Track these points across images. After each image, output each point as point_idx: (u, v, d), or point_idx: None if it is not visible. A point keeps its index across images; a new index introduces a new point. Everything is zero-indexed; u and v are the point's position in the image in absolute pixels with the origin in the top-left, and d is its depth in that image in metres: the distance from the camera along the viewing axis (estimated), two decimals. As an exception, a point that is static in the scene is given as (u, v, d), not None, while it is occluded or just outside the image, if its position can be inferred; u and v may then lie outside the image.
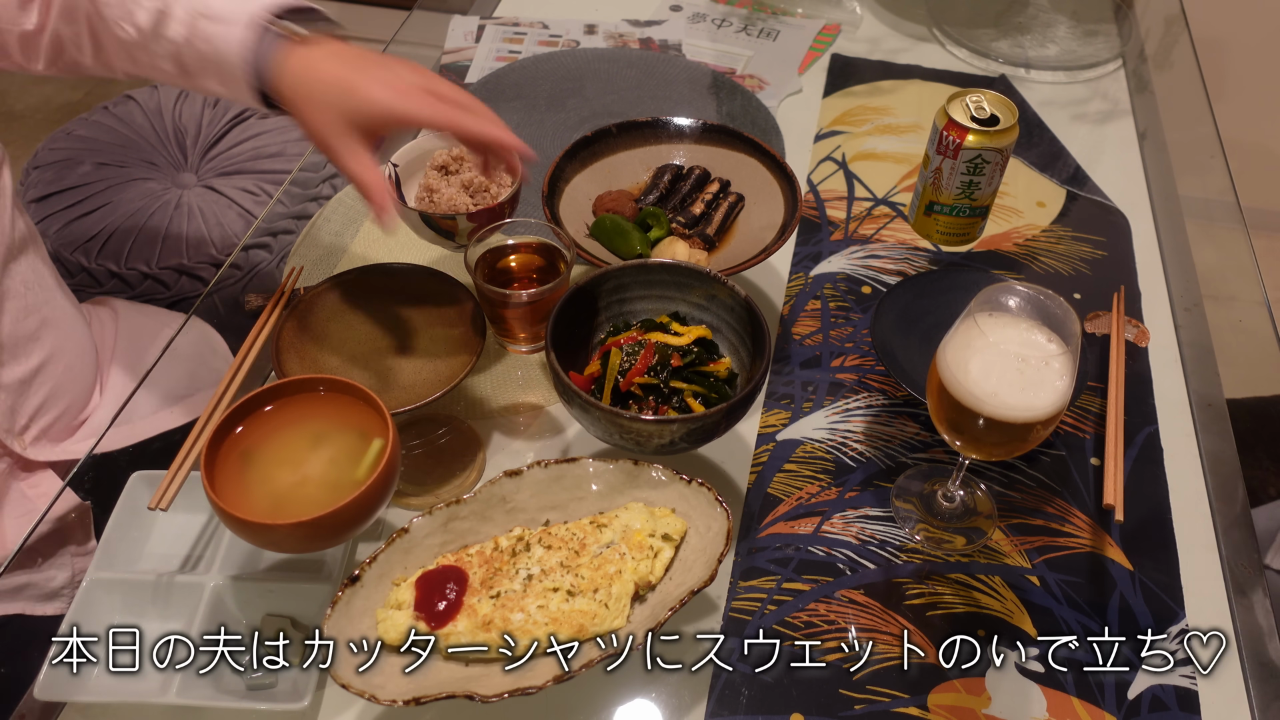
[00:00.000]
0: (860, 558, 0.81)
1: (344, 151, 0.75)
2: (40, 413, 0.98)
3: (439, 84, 0.77)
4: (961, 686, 0.74)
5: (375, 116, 0.74)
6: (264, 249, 1.47)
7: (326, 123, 0.74)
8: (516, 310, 0.82)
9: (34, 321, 0.96)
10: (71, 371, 1.01)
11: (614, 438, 0.76)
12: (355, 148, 0.75)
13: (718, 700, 0.73)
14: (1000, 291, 0.73)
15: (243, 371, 0.83)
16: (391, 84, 0.74)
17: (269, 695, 0.70)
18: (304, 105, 0.75)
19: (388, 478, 0.67)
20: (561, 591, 0.68)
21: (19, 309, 0.95)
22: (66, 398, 1.01)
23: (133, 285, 1.45)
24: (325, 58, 0.75)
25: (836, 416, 0.91)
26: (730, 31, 1.38)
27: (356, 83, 0.74)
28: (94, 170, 1.55)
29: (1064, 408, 0.70)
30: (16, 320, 0.94)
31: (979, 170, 0.94)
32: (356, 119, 0.74)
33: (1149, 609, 0.78)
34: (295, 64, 0.75)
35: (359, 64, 0.75)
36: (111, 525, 0.78)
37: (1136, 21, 1.44)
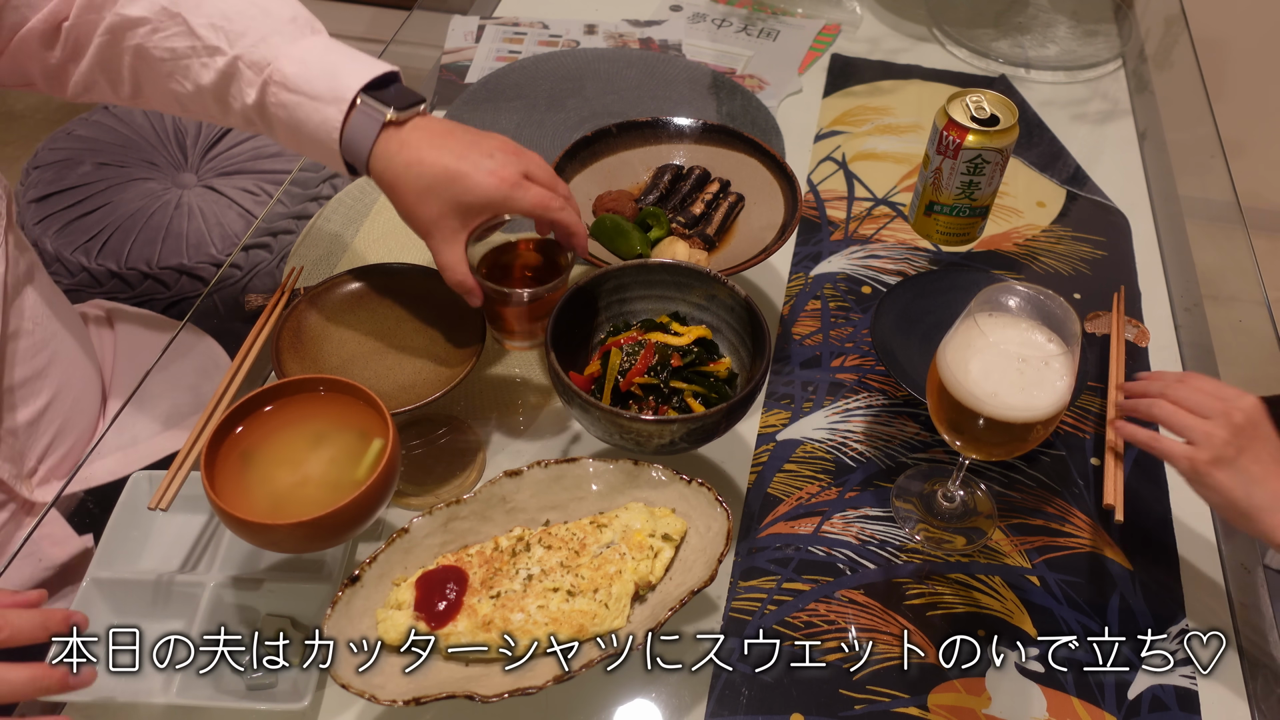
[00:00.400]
0: (860, 558, 0.81)
1: (444, 244, 0.76)
2: (49, 452, 0.95)
3: (532, 165, 0.78)
4: (961, 686, 0.74)
5: (480, 206, 0.75)
6: (264, 249, 1.47)
7: (430, 212, 0.75)
8: (516, 308, 0.82)
9: (43, 358, 0.94)
10: (79, 404, 0.99)
11: (614, 438, 0.76)
12: (455, 240, 0.76)
13: (718, 700, 0.73)
14: (1000, 291, 0.73)
15: (243, 371, 0.83)
16: (497, 174, 0.74)
17: (269, 695, 0.70)
18: (406, 194, 0.76)
19: (388, 478, 0.67)
20: (561, 591, 0.68)
21: (29, 348, 0.92)
22: (74, 432, 0.98)
23: (133, 285, 1.45)
24: (426, 144, 0.75)
25: (836, 416, 0.91)
26: (730, 31, 1.38)
27: (463, 173, 0.74)
28: (94, 170, 1.55)
29: (1064, 408, 0.70)
30: (26, 360, 0.92)
31: (979, 170, 0.94)
32: (460, 208, 0.75)
33: (1149, 609, 0.78)
34: (394, 149, 0.75)
35: (461, 151, 0.75)
36: (111, 525, 0.78)
37: (1136, 21, 1.44)
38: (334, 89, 0.75)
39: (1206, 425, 0.71)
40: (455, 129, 0.78)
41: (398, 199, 0.77)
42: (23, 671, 0.61)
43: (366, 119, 0.75)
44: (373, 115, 0.75)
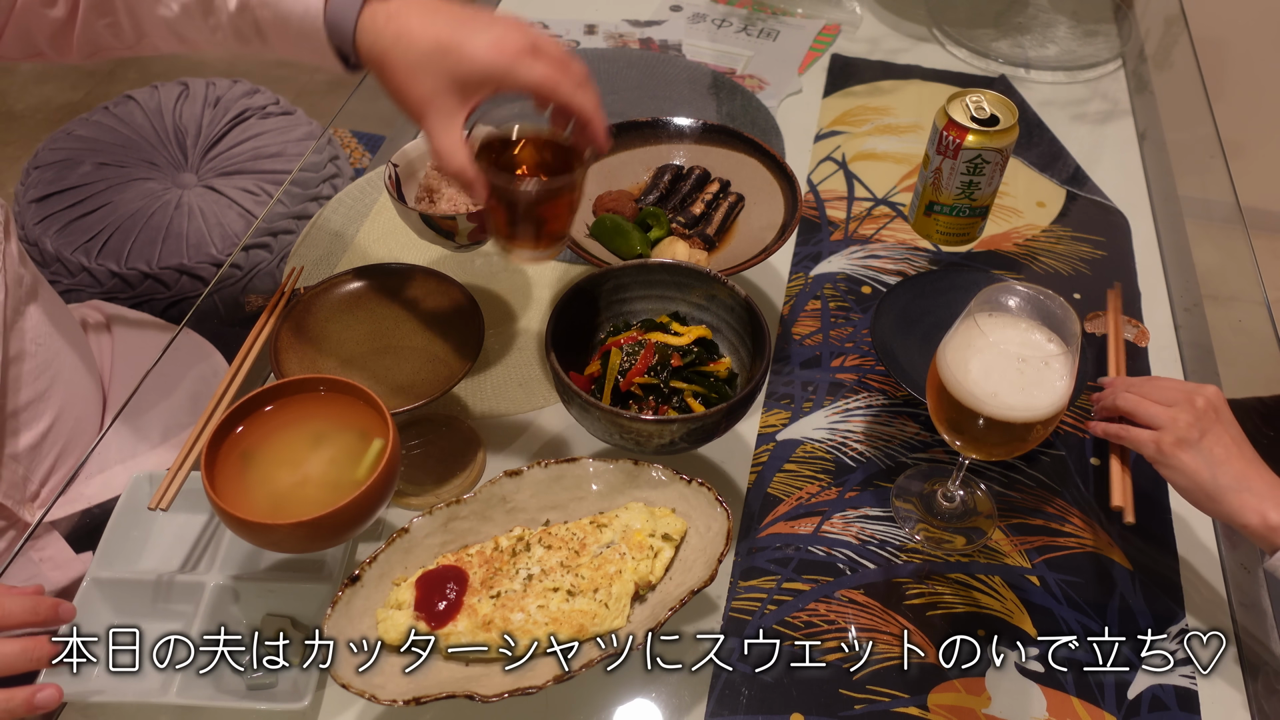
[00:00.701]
0: (860, 558, 0.81)
1: (438, 123, 0.68)
2: (51, 474, 0.94)
3: (543, 41, 0.69)
4: (961, 686, 0.74)
5: (479, 80, 0.67)
6: (264, 249, 1.47)
7: (422, 89, 0.68)
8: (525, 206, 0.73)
9: (45, 380, 0.92)
10: (81, 423, 0.97)
11: (614, 438, 0.76)
12: (451, 120, 0.68)
13: (718, 700, 0.73)
14: (1000, 291, 0.73)
15: (243, 371, 0.83)
16: (497, 44, 0.67)
17: (269, 695, 0.70)
18: (395, 70, 0.68)
19: (388, 478, 0.67)
20: (561, 591, 0.68)
21: (32, 370, 0.91)
22: (77, 450, 0.97)
23: (133, 285, 1.45)
24: (417, 15, 0.68)
25: (836, 416, 0.91)
26: (730, 31, 1.38)
27: (458, 42, 0.67)
28: (94, 170, 1.55)
29: (1064, 408, 0.70)
30: (29, 382, 0.90)
31: (979, 170, 0.94)
32: (456, 83, 0.67)
33: (1149, 609, 0.78)
34: (381, 23, 0.69)
35: (458, 21, 0.68)
36: (111, 525, 0.78)
37: (1136, 21, 1.44)
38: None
39: (1170, 410, 0.74)
40: (458, 6, 0.70)
41: (387, 77, 0.70)
42: (14, 644, 0.64)
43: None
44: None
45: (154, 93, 1.68)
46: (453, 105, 0.68)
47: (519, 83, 0.68)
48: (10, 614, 0.65)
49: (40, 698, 0.64)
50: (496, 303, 1.00)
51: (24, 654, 0.65)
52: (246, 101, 1.67)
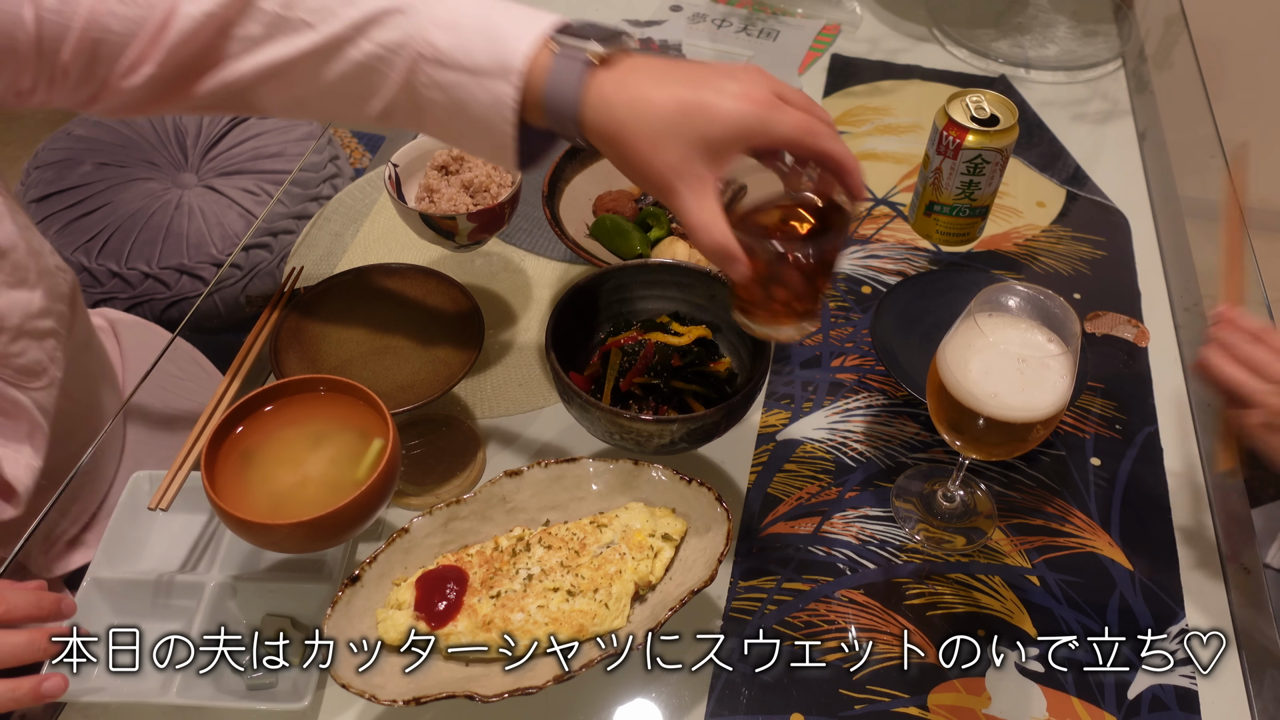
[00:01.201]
0: (860, 558, 0.81)
1: (690, 194, 0.61)
2: (71, 524, 0.93)
3: (783, 87, 0.63)
4: (961, 686, 0.74)
5: (730, 139, 0.61)
6: (264, 249, 1.47)
7: (668, 159, 0.61)
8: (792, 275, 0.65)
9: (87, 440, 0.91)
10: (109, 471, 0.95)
11: (614, 438, 0.76)
12: (703, 189, 0.61)
13: (718, 700, 0.73)
14: (1000, 291, 0.73)
15: (243, 371, 0.83)
16: (745, 96, 0.61)
17: (269, 695, 0.70)
18: (635, 142, 0.61)
19: (388, 478, 0.67)
20: (561, 591, 0.68)
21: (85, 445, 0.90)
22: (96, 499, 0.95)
23: (133, 285, 1.45)
24: (650, 79, 0.62)
25: (836, 416, 0.91)
26: (730, 31, 1.38)
27: (703, 101, 0.60)
28: (94, 170, 1.55)
29: (1064, 408, 0.70)
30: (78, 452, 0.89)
31: (979, 170, 0.94)
32: (706, 147, 0.61)
33: (1149, 609, 0.78)
34: (613, 94, 0.61)
35: (696, 79, 0.62)
36: (111, 525, 0.78)
37: (1136, 21, 1.44)
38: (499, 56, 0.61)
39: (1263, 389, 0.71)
40: (679, 61, 0.64)
41: (625, 151, 0.62)
42: (20, 636, 0.64)
43: (567, 64, 0.61)
44: (574, 56, 0.62)
45: (154, 93, 1.68)
46: (703, 172, 0.61)
47: (773, 136, 0.61)
48: (15, 607, 0.65)
49: (46, 686, 0.64)
50: (496, 303, 1.00)
51: (30, 645, 0.65)
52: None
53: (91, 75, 0.68)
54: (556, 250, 1.05)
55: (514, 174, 0.67)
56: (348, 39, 0.64)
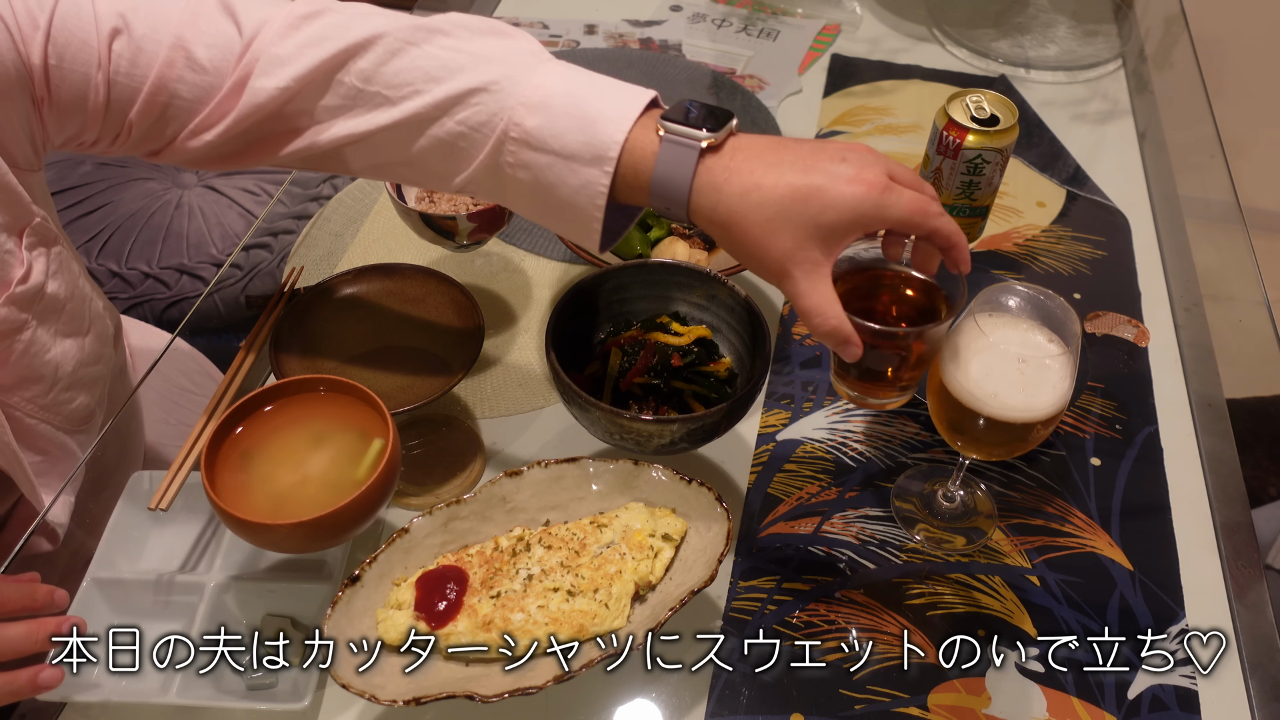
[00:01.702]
0: (860, 558, 0.81)
1: (805, 281, 0.61)
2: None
3: (894, 166, 0.63)
4: (961, 686, 0.74)
5: (846, 225, 0.60)
6: (264, 249, 1.47)
7: (783, 245, 0.60)
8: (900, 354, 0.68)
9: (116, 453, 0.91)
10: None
11: (614, 438, 0.76)
12: (818, 274, 0.61)
13: (718, 700, 0.73)
14: (1001, 292, 0.73)
15: (243, 371, 0.83)
16: (860, 179, 0.60)
17: (269, 695, 0.70)
18: (749, 229, 0.61)
19: (388, 478, 0.67)
20: (561, 591, 0.68)
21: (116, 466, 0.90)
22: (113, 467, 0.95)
23: (133, 285, 1.45)
24: (760, 164, 0.61)
25: (836, 416, 0.91)
26: (730, 31, 1.38)
27: (817, 188, 0.60)
28: (95, 170, 1.55)
29: (1064, 408, 0.70)
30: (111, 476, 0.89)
31: (979, 170, 0.94)
32: (821, 232, 0.60)
33: (1149, 609, 0.78)
34: (721, 180, 0.61)
35: (804, 163, 0.61)
36: (111, 525, 0.78)
37: (1136, 21, 1.44)
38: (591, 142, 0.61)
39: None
40: (785, 141, 0.63)
41: (738, 238, 0.62)
42: (18, 627, 0.65)
43: (679, 151, 0.61)
44: (685, 144, 0.61)
45: (154, 93, 1.68)
46: (818, 258, 0.61)
47: (888, 220, 0.61)
48: (9, 600, 0.66)
49: (44, 677, 0.64)
50: (496, 303, 1.00)
51: (27, 636, 0.65)
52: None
53: (158, 135, 0.68)
54: (556, 250, 1.05)
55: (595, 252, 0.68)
56: (431, 118, 0.64)
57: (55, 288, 0.76)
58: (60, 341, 0.77)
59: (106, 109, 0.66)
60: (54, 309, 0.76)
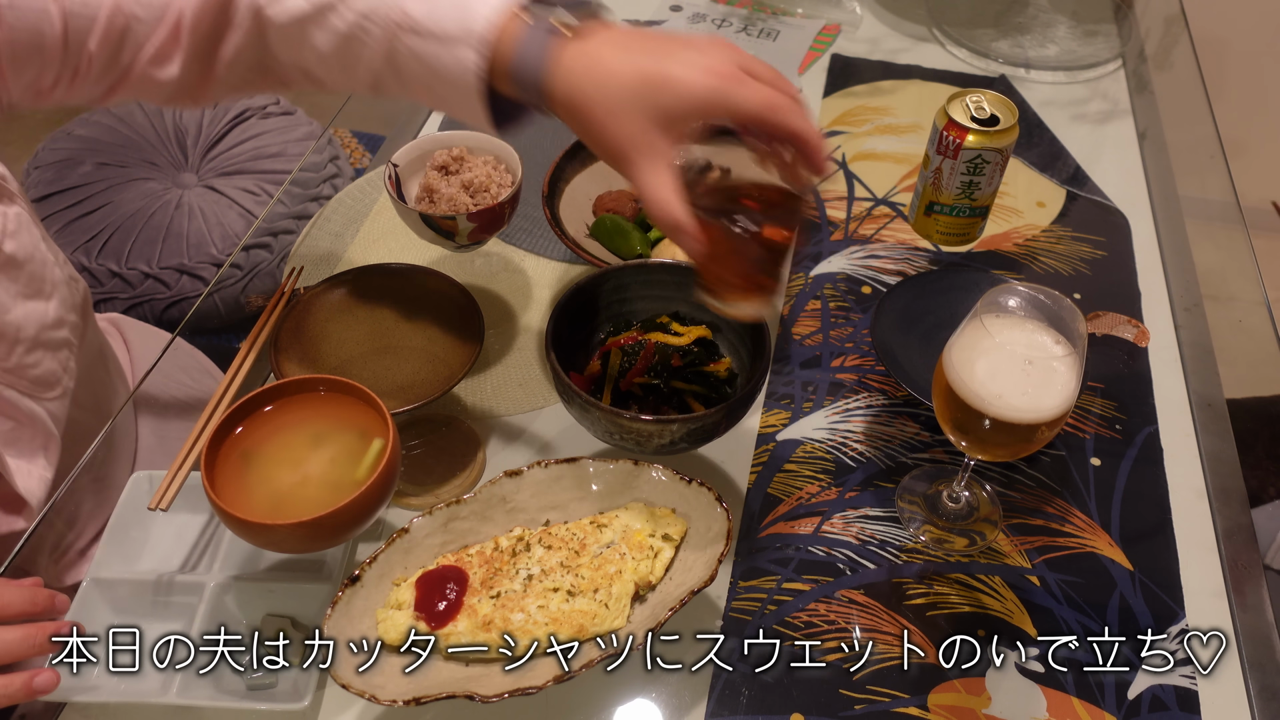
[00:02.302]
0: (860, 558, 0.81)
1: (648, 167, 0.61)
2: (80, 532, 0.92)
3: (749, 61, 0.63)
4: (961, 686, 0.74)
5: (689, 111, 0.61)
6: (264, 249, 1.47)
7: (626, 130, 0.61)
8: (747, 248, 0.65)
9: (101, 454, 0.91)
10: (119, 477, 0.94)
11: (614, 438, 0.76)
12: (660, 162, 0.61)
13: (718, 700, 0.73)
14: (1006, 293, 0.73)
15: (243, 371, 0.83)
16: (709, 69, 0.60)
17: (269, 695, 0.70)
18: (595, 112, 0.62)
19: (388, 478, 0.67)
20: (561, 591, 0.68)
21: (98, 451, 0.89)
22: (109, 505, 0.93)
23: (133, 285, 1.45)
24: (613, 49, 0.62)
25: (836, 416, 0.91)
26: (730, 32, 1.38)
27: (665, 73, 0.60)
28: (94, 170, 1.55)
29: (1070, 409, 0.70)
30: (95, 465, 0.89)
31: (979, 170, 0.94)
32: (664, 118, 0.61)
33: (1149, 609, 0.78)
34: (576, 63, 0.62)
35: (660, 50, 0.62)
36: (111, 525, 0.78)
37: (1136, 21, 1.44)
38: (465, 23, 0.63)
39: None
40: (647, 32, 0.65)
41: (585, 122, 0.62)
42: (16, 631, 0.65)
43: (536, 35, 0.62)
44: (542, 29, 0.62)
45: (154, 93, 1.68)
46: (660, 144, 0.61)
47: (734, 111, 0.61)
48: (9, 604, 0.65)
49: (39, 681, 0.64)
50: (496, 303, 1.00)
51: (25, 640, 0.65)
52: (247, 101, 1.67)
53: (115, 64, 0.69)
54: (556, 250, 1.05)
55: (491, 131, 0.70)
56: (330, 7, 0.67)
57: (13, 248, 0.75)
58: (21, 303, 0.77)
59: (65, 43, 0.66)
60: (12, 268, 0.76)
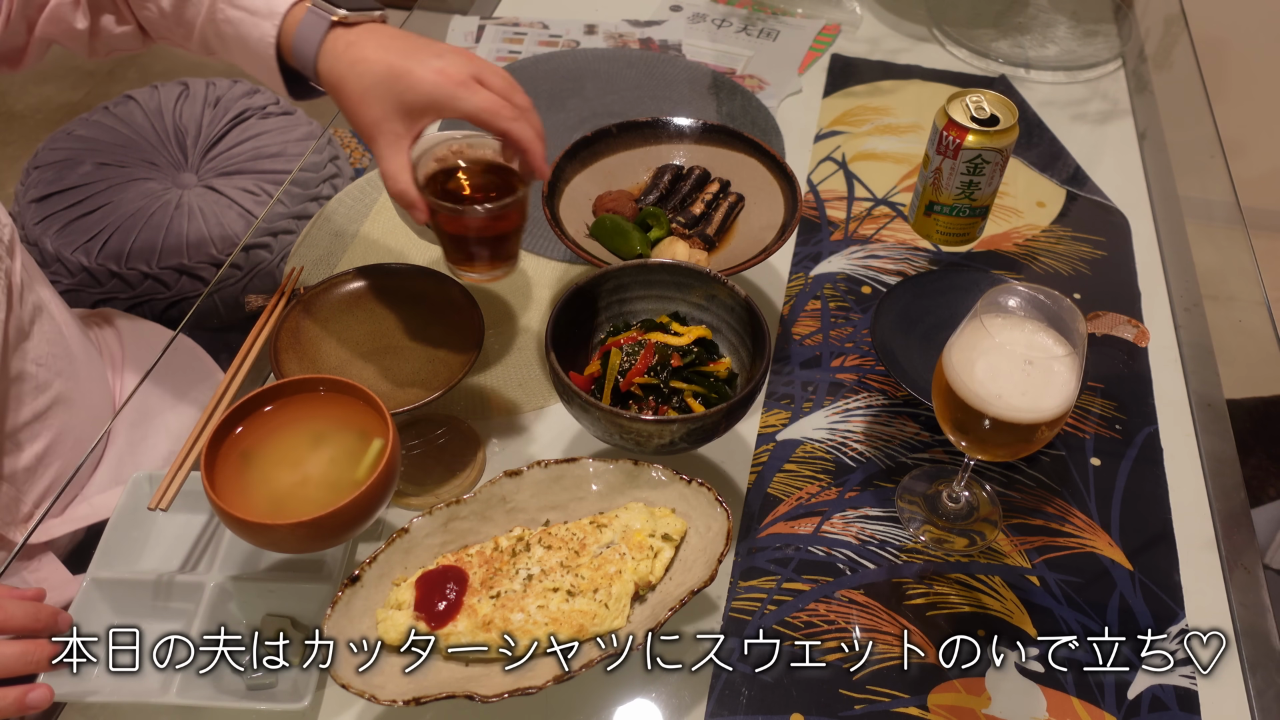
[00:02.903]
0: (860, 558, 0.81)
1: (385, 146, 0.73)
2: (46, 496, 0.93)
3: (488, 73, 0.74)
4: (961, 686, 0.74)
5: (423, 105, 0.72)
6: (264, 249, 1.47)
7: (372, 113, 0.73)
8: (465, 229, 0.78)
9: (44, 400, 0.91)
10: (81, 444, 0.96)
11: (614, 438, 0.76)
12: (397, 143, 0.73)
13: (718, 700, 0.73)
14: (1006, 293, 0.73)
15: (243, 371, 0.83)
16: (442, 71, 0.72)
17: (269, 695, 0.70)
18: (349, 93, 0.73)
19: (388, 478, 0.67)
20: (561, 591, 0.68)
21: (29, 391, 0.90)
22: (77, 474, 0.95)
23: (133, 285, 1.45)
24: (374, 44, 0.73)
25: (836, 416, 0.91)
26: (730, 31, 1.38)
27: (407, 69, 0.71)
28: (94, 170, 1.55)
29: (1069, 409, 0.70)
30: (27, 402, 0.90)
31: (979, 170, 0.94)
32: (403, 108, 0.72)
33: (1149, 609, 0.78)
34: (340, 49, 0.74)
35: (409, 50, 0.73)
36: (111, 525, 0.78)
37: (1136, 21, 1.44)
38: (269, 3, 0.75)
39: None
40: (409, 35, 0.76)
41: (342, 100, 0.75)
42: (14, 647, 0.65)
43: (314, 19, 0.74)
44: (321, 15, 0.74)
45: (154, 93, 1.68)
46: (400, 129, 0.73)
47: (460, 110, 0.72)
48: (12, 617, 0.66)
49: (32, 698, 0.64)
50: (496, 303, 1.00)
51: (23, 656, 0.65)
52: (246, 101, 1.67)
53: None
54: (556, 250, 1.05)
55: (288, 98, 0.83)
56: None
57: None
58: None
59: None
60: None
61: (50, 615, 0.68)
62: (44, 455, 0.92)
